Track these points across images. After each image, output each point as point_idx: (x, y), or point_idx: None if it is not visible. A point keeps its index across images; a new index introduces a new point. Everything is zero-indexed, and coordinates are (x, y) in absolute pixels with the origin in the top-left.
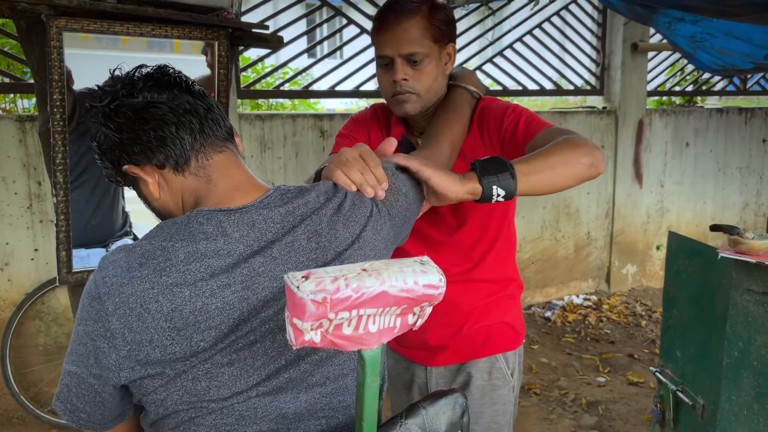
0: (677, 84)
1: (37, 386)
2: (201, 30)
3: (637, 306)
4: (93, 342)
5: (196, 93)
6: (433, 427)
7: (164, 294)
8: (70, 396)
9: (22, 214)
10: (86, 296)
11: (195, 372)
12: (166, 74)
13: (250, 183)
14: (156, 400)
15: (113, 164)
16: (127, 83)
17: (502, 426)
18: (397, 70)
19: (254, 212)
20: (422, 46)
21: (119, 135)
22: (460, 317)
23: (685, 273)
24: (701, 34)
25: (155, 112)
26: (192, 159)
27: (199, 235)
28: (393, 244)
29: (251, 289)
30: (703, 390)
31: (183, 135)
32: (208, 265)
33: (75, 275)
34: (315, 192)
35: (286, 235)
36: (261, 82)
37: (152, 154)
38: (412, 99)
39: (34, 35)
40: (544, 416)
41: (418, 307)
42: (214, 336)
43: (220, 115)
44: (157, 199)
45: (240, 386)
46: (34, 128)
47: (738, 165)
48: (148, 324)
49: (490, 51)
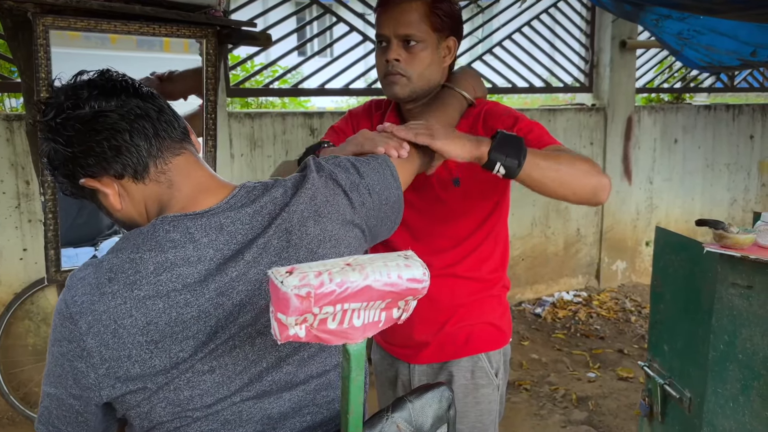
0: (665, 81)
1: (26, 386)
2: (189, 28)
3: (626, 302)
4: (69, 363)
5: (145, 95)
6: (419, 420)
7: (137, 308)
8: (51, 418)
9: (10, 214)
10: (58, 316)
11: (177, 382)
12: (111, 80)
13: (214, 183)
14: (140, 413)
15: (68, 179)
16: (71, 94)
17: (487, 426)
18: (392, 49)
19: (221, 215)
20: (419, 30)
21: (71, 149)
22: (443, 314)
23: (671, 268)
24: (688, 31)
25: (105, 122)
26: (150, 165)
27: (166, 243)
28: (367, 243)
29: (226, 295)
30: (690, 383)
31: (138, 142)
32: (179, 274)
33: (64, 274)
34: (282, 187)
35: (258, 237)
36: (250, 80)
37: (108, 165)
38: (402, 81)
39: (20, 33)
40: (534, 412)
41: (403, 301)
42: (193, 345)
43: (173, 115)
44: (120, 210)
45: (223, 392)
46: (21, 127)
47: (726, 161)
48: (125, 340)
49: (480, 48)
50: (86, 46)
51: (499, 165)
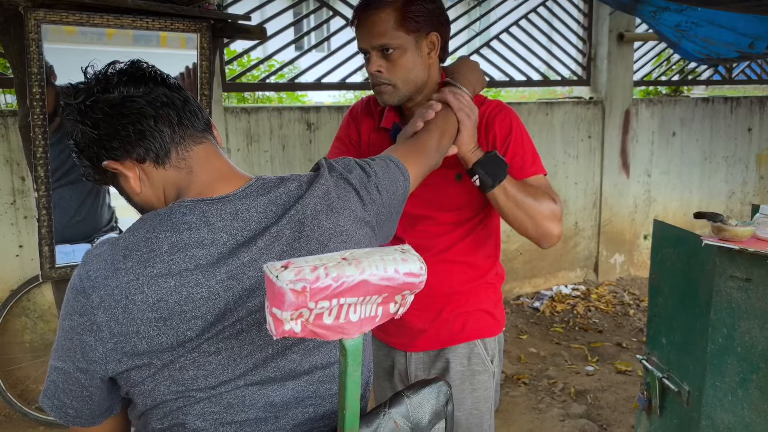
0: (663, 74)
1: (23, 383)
2: (182, 22)
3: (625, 295)
4: (79, 336)
5: (172, 86)
6: (417, 416)
7: (149, 285)
8: (57, 392)
9: (5, 210)
10: (71, 291)
11: (182, 361)
12: (141, 69)
13: (232, 173)
14: (144, 391)
15: (92, 161)
16: (102, 79)
17: (483, 413)
18: (372, 61)
19: (237, 201)
20: (394, 37)
21: (97, 131)
22: (438, 301)
23: (669, 261)
24: (686, 23)
25: (132, 106)
26: (172, 151)
27: (182, 225)
28: (376, 241)
29: (236, 279)
30: (688, 377)
31: (162, 128)
32: (192, 255)
33: (58, 270)
34: (297, 181)
35: (271, 226)
36: (247, 75)
37: (132, 149)
38: (389, 90)
39: (12, 28)
40: (533, 405)
41: (400, 296)
42: (201, 325)
43: (197, 106)
44: (139, 193)
45: (227, 375)
46: (15, 123)
47: (724, 154)
48: (134, 315)
49: (477, 42)
50: (83, 42)
51: (477, 177)
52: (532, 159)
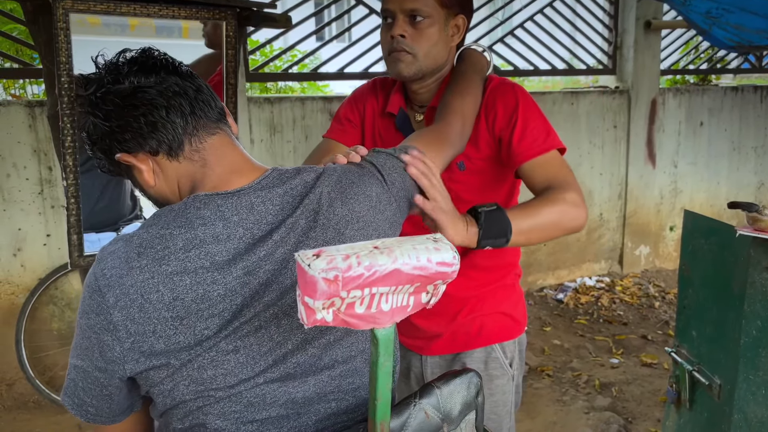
0: (691, 62)
1: (52, 370)
2: (208, 10)
3: (650, 287)
4: (96, 335)
5: (184, 74)
6: (447, 407)
7: (165, 283)
8: (77, 390)
9: (33, 200)
10: (87, 289)
11: (200, 361)
12: (152, 57)
13: (247, 164)
14: (163, 390)
15: (105, 154)
16: (112, 69)
17: (502, 417)
18: (397, 24)
19: (252, 194)
20: (427, 5)
21: (108, 123)
22: (455, 305)
23: (700, 252)
24: (717, 9)
25: (144, 97)
26: (185, 143)
27: (196, 221)
28: (399, 225)
29: (252, 274)
30: (719, 370)
31: (174, 118)
32: (208, 252)
33: (86, 259)
34: (314, 172)
35: (287, 217)
36: (269, 65)
37: (144, 141)
38: (408, 59)
39: (40, 18)
40: (557, 398)
41: (432, 286)
42: (218, 323)
43: (211, 95)
44: (153, 186)
45: (247, 373)
46: (43, 113)
47: (753, 144)
48: (150, 314)
49: (500, 31)
50: (106, 33)
51: (489, 247)
52: (546, 133)
